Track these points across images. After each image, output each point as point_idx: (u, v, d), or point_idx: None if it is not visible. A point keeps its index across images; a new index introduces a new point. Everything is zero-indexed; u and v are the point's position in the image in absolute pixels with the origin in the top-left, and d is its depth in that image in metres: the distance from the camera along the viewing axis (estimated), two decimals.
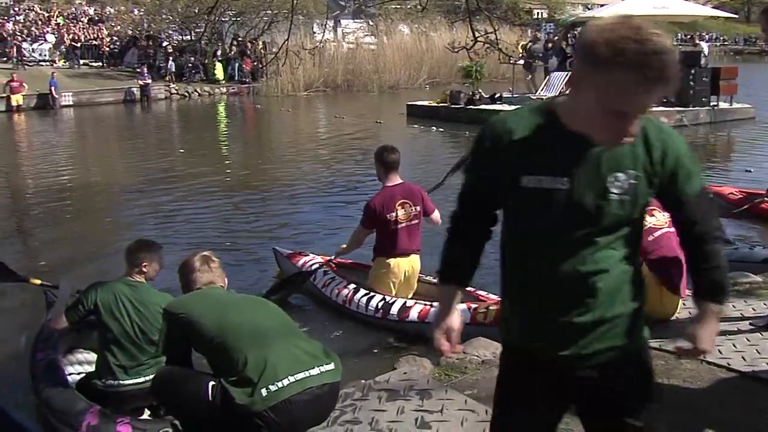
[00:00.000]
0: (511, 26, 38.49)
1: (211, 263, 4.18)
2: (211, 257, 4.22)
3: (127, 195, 12.90)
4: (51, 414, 4.52)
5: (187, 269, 4.17)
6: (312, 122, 26.33)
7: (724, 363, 4.52)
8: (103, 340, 4.68)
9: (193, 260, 4.18)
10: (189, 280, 4.13)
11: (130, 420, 4.24)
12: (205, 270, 4.13)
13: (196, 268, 4.13)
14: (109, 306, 4.64)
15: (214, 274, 4.15)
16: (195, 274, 4.11)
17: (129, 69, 35.20)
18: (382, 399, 4.18)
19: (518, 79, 25.30)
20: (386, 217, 6.47)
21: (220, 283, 4.16)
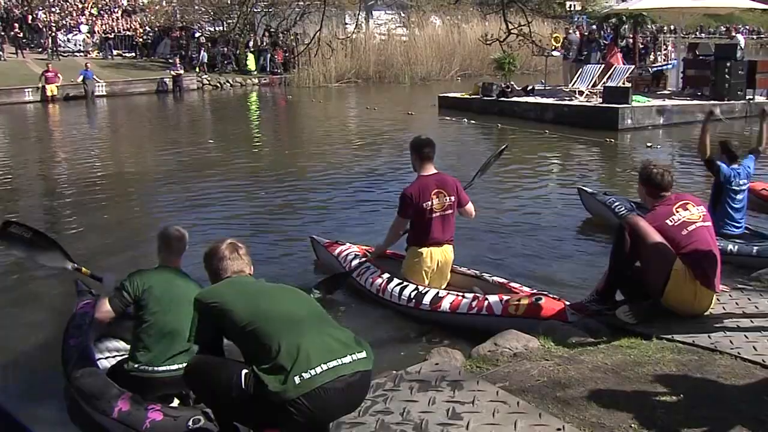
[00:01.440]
0: (544, 18, 38.20)
1: (240, 250, 4.15)
2: (238, 244, 4.18)
3: (159, 184, 13.00)
4: (83, 399, 4.60)
5: (216, 257, 4.11)
6: (343, 113, 26.36)
7: (759, 360, 4.48)
8: (140, 326, 4.73)
9: (221, 248, 4.12)
10: (218, 268, 4.09)
11: (161, 407, 4.30)
12: (235, 258, 4.10)
13: (226, 256, 4.09)
14: (151, 294, 4.72)
15: (243, 261, 4.13)
16: (225, 262, 4.08)
17: (162, 60, 35.48)
18: (414, 389, 4.19)
19: (551, 71, 25.16)
20: (422, 206, 6.52)
21: (248, 270, 4.14)
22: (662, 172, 5.58)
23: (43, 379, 5.43)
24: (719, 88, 20.52)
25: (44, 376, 5.44)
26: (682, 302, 5.26)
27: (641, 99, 20.15)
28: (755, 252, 7.55)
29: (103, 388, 4.54)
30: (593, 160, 15.97)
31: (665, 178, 5.57)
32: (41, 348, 5.92)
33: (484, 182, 12.62)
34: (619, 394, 4.11)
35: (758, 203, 9.93)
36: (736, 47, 21.68)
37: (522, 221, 10.11)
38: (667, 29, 46.85)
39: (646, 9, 25.02)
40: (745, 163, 8.17)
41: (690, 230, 5.29)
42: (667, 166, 5.75)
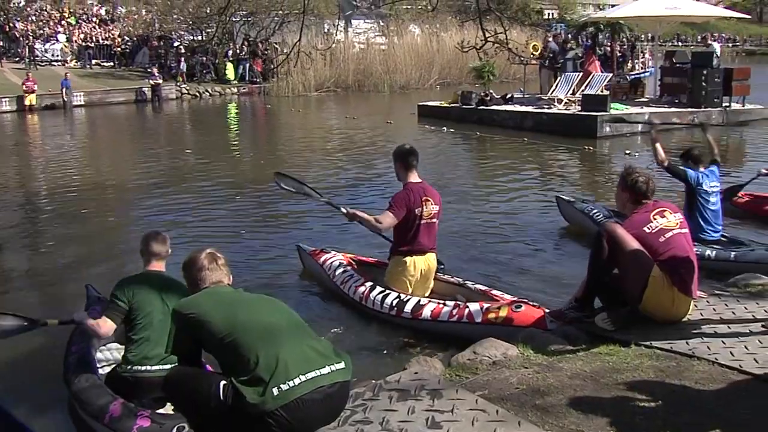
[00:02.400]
0: (521, 26, 38.43)
1: (218, 260, 4.14)
2: (217, 254, 4.17)
3: (139, 194, 12.94)
4: (79, 405, 4.66)
5: (195, 267, 4.10)
6: (323, 122, 26.34)
7: (736, 365, 4.51)
8: (131, 329, 4.80)
9: (200, 258, 4.11)
10: (197, 278, 4.07)
11: (150, 414, 4.32)
12: (214, 268, 4.09)
13: (204, 266, 4.07)
14: (139, 297, 4.79)
15: (222, 272, 4.12)
16: (204, 272, 4.07)
17: (140, 69, 35.36)
18: (393, 399, 4.18)
19: (529, 80, 25.26)
20: (414, 212, 6.55)
21: (227, 281, 4.14)
22: (647, 179, 5.62)
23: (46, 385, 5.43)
24: (696, 95, 20.71)
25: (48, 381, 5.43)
26: (660, 309, 5.29)
27: (619, 107, 20.29)
28: (733, 257, 7.62)
29: (97, 395, 4.60)
30: (572, 167, 16.06)
31: (650, 186, 5.62)
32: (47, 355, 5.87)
33: (465, 190, 12.70)
34: (598, 401, 4.13)
35: (733, 211, 10.01)
36: (713, 55, 21.91)
37: (502, 229, 10.14)
38: (644, 37, 47.20)
39: (623, 17, 25.22)
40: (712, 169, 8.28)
41: (667, 237, 5.33)
42: (649, 174, 5.80)
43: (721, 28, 75.06)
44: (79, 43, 36.73)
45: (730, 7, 54.67)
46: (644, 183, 5.59)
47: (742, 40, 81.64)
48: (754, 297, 5.96)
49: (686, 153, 8.48)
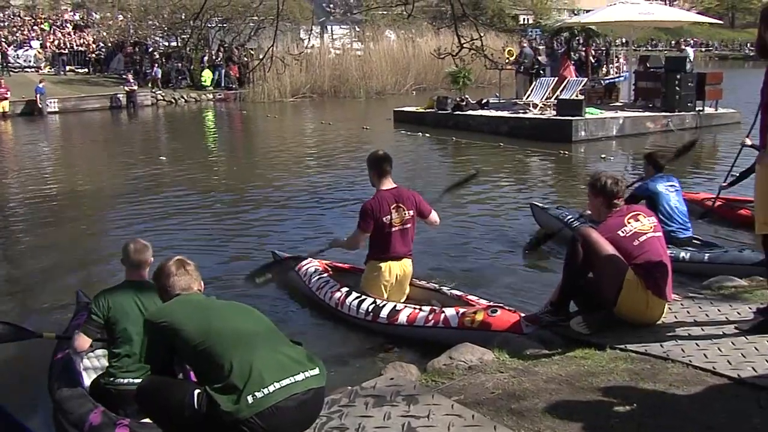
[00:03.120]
0: (497, 32, 38.58)
1: (188, 267, 4.13)
2: (186, 261, 4.17)
3: (114, 201, 12.85)
4: (61, 414, 4.65)
5: (163, 274, 4.10)
6: (299, 128, 26.28)
7: (710, 367, 4.53)
8: (113, 342, 4.78)
9: (168, 265, 4.12)
10: (166, 285, 4.08)
11: (129, 423, 4.30)
12: (182, 274, 4.08)
13: (173, 273, 4.07)
14: (117, 310, 4.75)
15: (191, 277, 4.11)
16: (172, 278, 4.07)
17: (115, 75, 35.16)
18: (369, 405, 4.17)
19: (505, 85, 25.35)
20: (382, 220, 6.55)
21: (197, 287, 4.12)
22: (615, 179, 5.66)
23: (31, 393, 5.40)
24: (670, 99, 20.89)
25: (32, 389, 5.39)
26: (635, 312, 5.31)
27: (594, 111, 20.42)
28: (707, 259, 7.72)
29: (78, 404, 4.58)
30: (548, 172, 16.13)
31: (620, 185, 5.67)
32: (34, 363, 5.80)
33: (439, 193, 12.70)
34: (574, 405, 4.13)
35: (701, 213, 10.10)
36: (686, 60, 22.09)
37: (477, 234, 10.16)
38: (618, 42, 47.56)
39: (597, 23, 25.40)
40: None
41: (641, 241, 5.36)
42: (615, 174, 5.83)
43: (694, 33, 75.89)
44: (53, 49, 36.46)
45: (703, 13, 55.23)
46: (614, 183, 5.63)
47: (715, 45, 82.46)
48: (728, 299, 6.00)
49: (649, 158, 8.65)
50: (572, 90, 21.06)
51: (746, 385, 4.30)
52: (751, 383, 4.30)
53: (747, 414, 3.95)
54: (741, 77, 32.41)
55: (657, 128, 20.41)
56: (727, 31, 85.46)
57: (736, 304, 5.80)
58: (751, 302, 5.77)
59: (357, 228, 6.70)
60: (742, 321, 5.26)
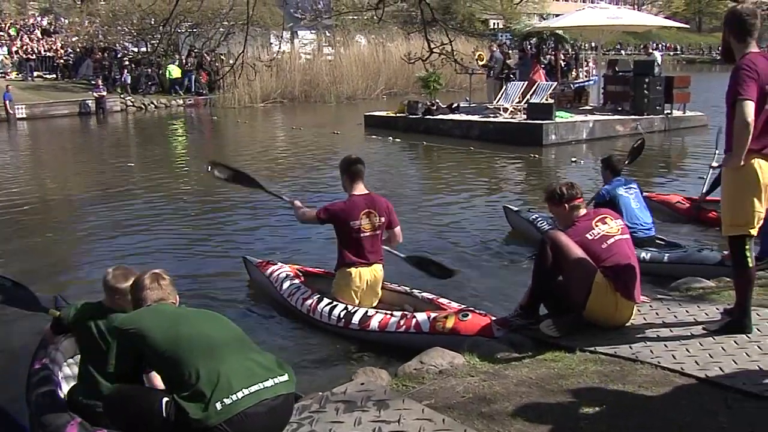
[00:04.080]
0: (467, 37, 38.72)
1: (162, 281, 4.15)
2: (161, 275, 4.19)
3: (83, 209, 12.71)
4: (37, 423, 4.56)
5: (137, 288, 4.14)
6: (269, 134, 26.20)
7: (678, 368, 4.57)
8: (82, 358, 4.72)
9: (142, 278, 4.15)
10: (139, 298, 4.11)
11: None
12: (155, 287, 4.10)
13: (146, 286, 4.10)
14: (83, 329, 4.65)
15: (165, 291, 4.13)
16: (145, 291, 4.09)
17: (84, 81, 34.81)
18: (340, 410, 4.16)
19: (475, 89, 25.43)
20: (348, 225, 6.55)
21: (172, 300, 4.14)
22: (569, 184, 5.80)
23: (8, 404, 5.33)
24: (638, 103, 21.09)
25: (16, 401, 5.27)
26: (604, 314, 5.35)
27: (564, 115, 20.55)
28: (666, 259, 7.81)
29: (55, 415, 4.49)
30: (519, 175, 16.22)
31: (576, 187, 5.79)
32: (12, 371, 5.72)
33: (412, 200, 12.73)
34: (544, 407, 4.15)
35: (674, 216, 10.25)
36: (654, 63, 22.31)
37: (449, 238, 10.18)
38: (588, 46, 47.91)
39: (566, 27, 25.58)
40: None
41: (609, 243, 5.41)
42: (566, 181, 5.95)
43: (662, 37, 76.67)
44: (21, 54, 36.07)
45: (670, 17, 55.91)
46: (570, 187, 5.75)
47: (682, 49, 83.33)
48: (695, 300, 6.07)
49: (607, 162, 8.78)
50: (542, 94, 21.17)
51: (714, 385, 4.35)
52: (718, 383, 4.35)
53: (714, 413, 4.00)
54: (708, 80, 32.85)
55: (626, 131, 20.59)
56: (695, 35, 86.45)
57: (704, 305, 5.86)
58: (719, 303, 5.83)
59: (316, 211, 6.78)
60: (709, 322, 5.32)
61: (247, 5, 9.84)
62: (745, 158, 4.72)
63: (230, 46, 33.60)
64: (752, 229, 4.90)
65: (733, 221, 4.94)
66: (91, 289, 7.22)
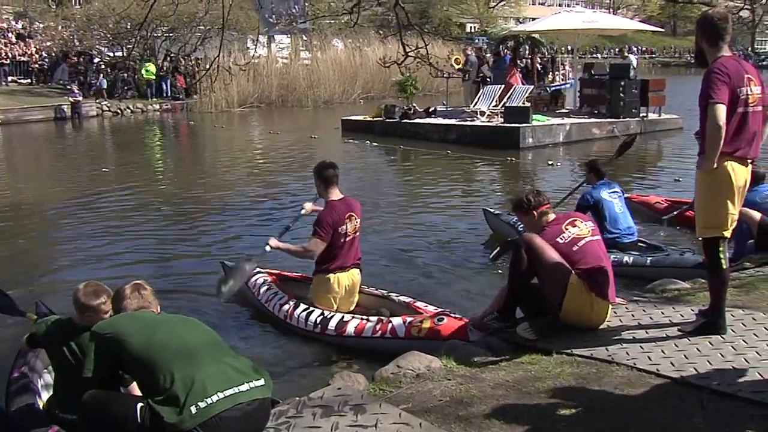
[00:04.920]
0: (444, 40, 38.81)
1: (143, 290, 4.20)
2: (143, 285, 4.25)
3: (58, 214, 12.62)
4: None
5: (118, 298, 4.21)
6: (246, 138, 26.15)
7: (654, 369, 4.60)
8: (55, 372, 4.72)
9: (123, 288, 4.22)
10: (119, 308, 4.16)
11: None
12: (136, 297, 4.16)
13: (126, 296, 4.16)
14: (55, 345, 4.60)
15: (145, 300, 4.17)
16: (126, 301, 4.14)
17: (59, 86, 34.54)
18: (317, 415, 4.14)
19: (452, 93, 25.48)
20: (338, 231, 6.52)
21: (153, 309, 4.19)
22: (534, 192, 5.90)
23: None
24: (614, 106, 21.20)
25: None
26: (580, 315, 5.37)
27: (541, 118, 20.63)
28: (649, 263, 7.86)
29: (33, 423, 4.48)
30: (496, 178, 16.27)
31: (541, 194, 5.89)
32: None
33: (390, 204, 12.74)
34: (520, 410, 4.16)
35: (653, 216, 10.33)
36: (629, 67, 22.45)
37: (427, 241, 10.19)
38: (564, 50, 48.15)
39: (542, 31, 25.69)
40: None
41: (581, 245, 5.44)
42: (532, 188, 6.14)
43: (637, 40, 77.18)
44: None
45: (646, 21, 56.18)
46: (535, 195, 5.84)
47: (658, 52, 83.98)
48: (671, 302, 6.11)
49: (591, 165, 8.84)
50: (519, 97, 21.25)
51: (689, 385, 4.38)
52: (693, 384, 4.38)
53: (689, 414, 4.02)
54: (683, 84, 33.06)
55: (603, 134, 20.71)
56: (670, 38, 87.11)
57: (679, 306, 5.90)
58: (693, 304, 5.87)
59: (314, 237, 6.55)
60: (684, 323, 5.36)
61: (222, 9, 9.81)
62: (718, 161, 4.76)
63: (207, 50, 33.44)
64: (726, 232, 4.94)
65: (706, 223, 4.98)
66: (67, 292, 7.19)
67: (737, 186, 4.87)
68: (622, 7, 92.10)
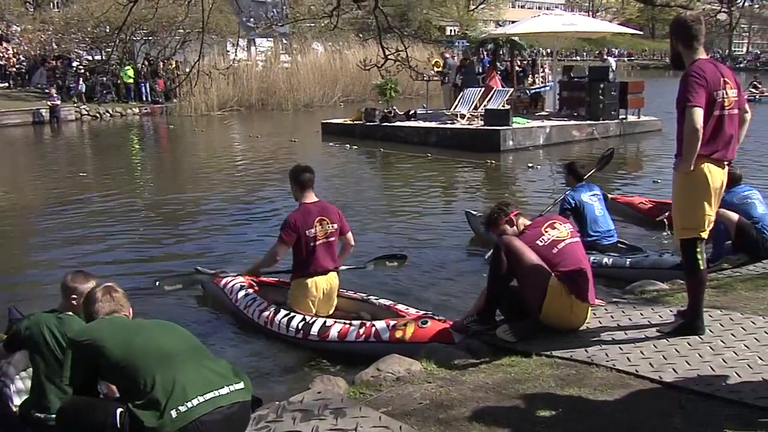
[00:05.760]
0: (423, 44, 38.86)
1: (114, 293, 4.13)
2: (114, 287, 4.18)
3: (34, 219, 12.54)
4: None
5: (89, 301, 4.13)
6: (226, 142, 26.07)
7: (633, 370, 4.62)
8: (34, 372, 4.63)
9: (94, 291, 4.15)
10: (91, 312, 4.08)
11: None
12: (107, 300, 4.09)
13: (98, 299, 4.09)
14: (37, 339, 4.56)
15: (117, 303, 4.11)
16: (97, 304, 4.07)
17: (37, 90, 34.30)
18: (297, 419, 4.13)
19: (432, 96, 25.52)
20: (305, 233, 6.51)
21: (125, 312, 4.11)
22: (500, 205, 5.98)
23: None
24: (594, 108, 21.31)
25: None
26: (560, 317, 5.39)
27: (521, 120, 20.70)
28: (628, 264, 7.92)
29: (7, 427, 4.49)
30: (477, 181, 16.31)
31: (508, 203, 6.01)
32: None
33: (370, 207, 12.74)
34: (500, 412, 4.17)
35: (637, 217, 10.45)
36: (608, 69, 22.57)
37: (408, 244, 10.18)
38: (544, 53, 48.36)
39: (522, 33, 25.77)
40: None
41: (560, 248, 5.46)
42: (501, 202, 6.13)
43: (616, 43, 77.61)
44: None
45: (625, 24, 56.58)
46: (501, 207, 5.91)
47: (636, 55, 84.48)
48: (650, 303, 6.14)
49: (570, 167, 8.88)
50: (499, 100, 21.32)
51: (667, 386, 4.40)
52: (672, 384, 4.40)
53: (668, 414, 4.04)
54: (662, 86, 33.24)
55: (582, 137, 20.81)
56: (648, 41, 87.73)
57: (658, 307, 5.93)
58: (672, 305, 5.90)
59: (278, 240, 6.63)
60: (663, 324, 5.38)
61: (202, 13, 9.79)
62: (695, 163, 4.81)
63: (186, 54, 33.32)
64: (703, 233, 4.98)
65: (684, 225, 5.02)
66: (43, 297, 7.17)
67: (714, 188, 4.92)
68: (601, 9, 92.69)
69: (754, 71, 49.65)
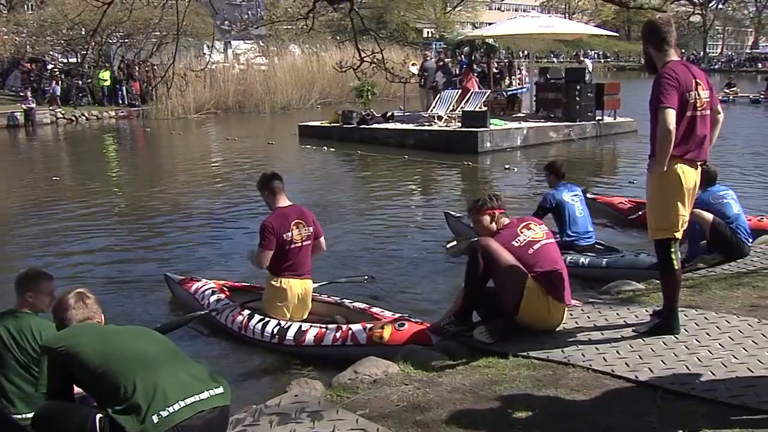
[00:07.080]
0: (400, 45, 38.92)
1: (87, 299, 4.10)
2: (86, 294, 4.14)
3: (9, 225, 12.42)
4: None
5: (61, 307, 4.08)
6: (203, 145, 25.95)
7: (609, 370, 4.64)
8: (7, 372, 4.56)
9: (67, 298, 4.09)
10: (64, 319, 4.04)
11: None
12: (80, 306, 4.05)
13: (71, 306, 4.04)
14: None
15: (90, 310, 4.08)
16: (70, 311, 4.03)
17: (11, 93, 34.01)
18: (274, 423, 4.12)
19: (409, 98, 25.57)
20: (283, 237, 6.47)
21: (97, 319, 4.09)
22: (491, 195, 5.92)
23: None
24: (570, 110, 21.43)
25: None
26: (537, 318, 5.40)
27: (498, 122, 20.76)
28: (605, 264, 7.97)
29: None
30: (455, 183, 16.36)
31: (498, 197, 5.92)
32: None
33: (348, 209, 12.73)
34: (477, 414, 4.17)
35: (616, 216, 10.53)
36: (585, 71, 22.66)
37: (386, 246, 10.21)
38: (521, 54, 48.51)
39: (499, 35, 25.85)
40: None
41: (536, 249, 5.48)
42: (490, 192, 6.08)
43: (592, 44, 77.98)
44: None
45: (601, 25, 56.93)
46: (491, 198, 5.86)
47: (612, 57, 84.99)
48: (626, 303, 6.18)
49: (551, 167, 8.90)
50: (476, 102, 21.36)
51: (643, 385, 4.43)
52: (648, 384, 4.43)
53: (645, 413, 4.07)
54: (638, 87, 33.47)
55: (559, 138, 20.92)
56: (624, 42, 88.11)
57: (634, 307, 5.96)
58: (648, 305, 5.94)
59: (259, 247, 6.54)
60: (638, 323, 5.42)
61: (177, 16, 9.76)
62: (668, 164, 4.84)
63: (163, 56, 33.17)
64: (677, 233, 5.02)
65: (658, 225, 5.06)
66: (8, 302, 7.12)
67: (687, 188, 4.96)
68: (577, 11, 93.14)
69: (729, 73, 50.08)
